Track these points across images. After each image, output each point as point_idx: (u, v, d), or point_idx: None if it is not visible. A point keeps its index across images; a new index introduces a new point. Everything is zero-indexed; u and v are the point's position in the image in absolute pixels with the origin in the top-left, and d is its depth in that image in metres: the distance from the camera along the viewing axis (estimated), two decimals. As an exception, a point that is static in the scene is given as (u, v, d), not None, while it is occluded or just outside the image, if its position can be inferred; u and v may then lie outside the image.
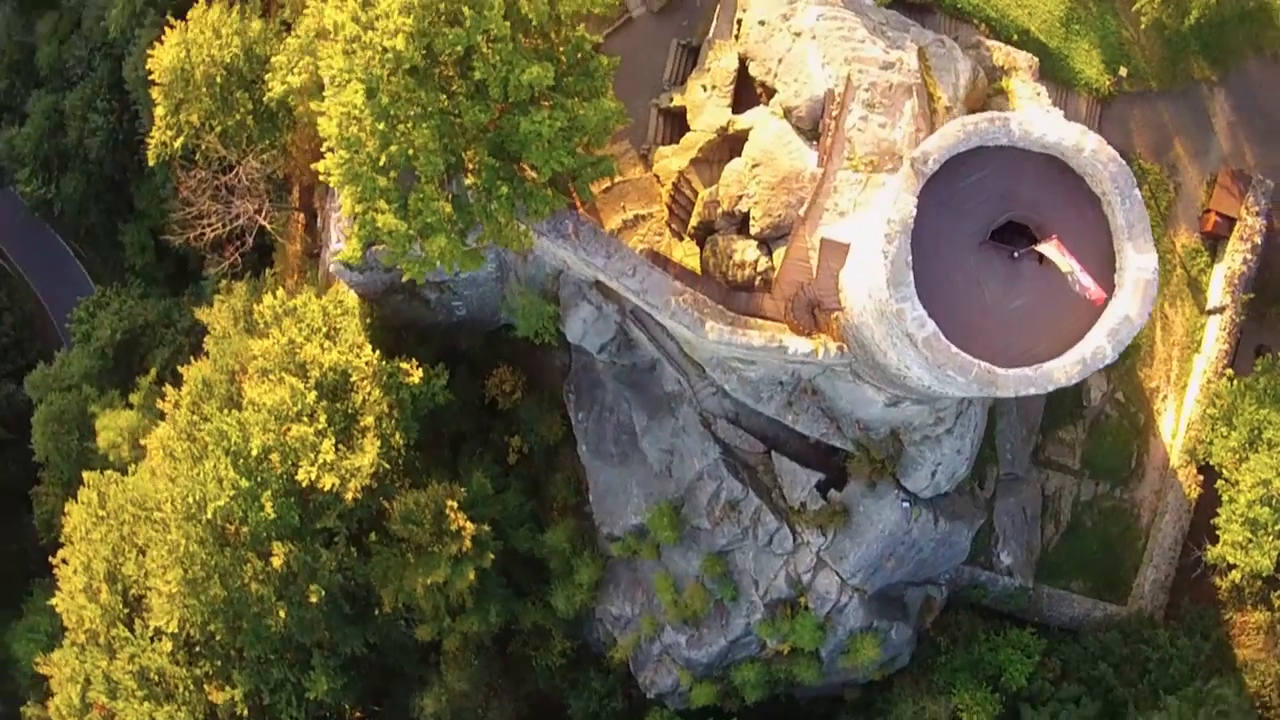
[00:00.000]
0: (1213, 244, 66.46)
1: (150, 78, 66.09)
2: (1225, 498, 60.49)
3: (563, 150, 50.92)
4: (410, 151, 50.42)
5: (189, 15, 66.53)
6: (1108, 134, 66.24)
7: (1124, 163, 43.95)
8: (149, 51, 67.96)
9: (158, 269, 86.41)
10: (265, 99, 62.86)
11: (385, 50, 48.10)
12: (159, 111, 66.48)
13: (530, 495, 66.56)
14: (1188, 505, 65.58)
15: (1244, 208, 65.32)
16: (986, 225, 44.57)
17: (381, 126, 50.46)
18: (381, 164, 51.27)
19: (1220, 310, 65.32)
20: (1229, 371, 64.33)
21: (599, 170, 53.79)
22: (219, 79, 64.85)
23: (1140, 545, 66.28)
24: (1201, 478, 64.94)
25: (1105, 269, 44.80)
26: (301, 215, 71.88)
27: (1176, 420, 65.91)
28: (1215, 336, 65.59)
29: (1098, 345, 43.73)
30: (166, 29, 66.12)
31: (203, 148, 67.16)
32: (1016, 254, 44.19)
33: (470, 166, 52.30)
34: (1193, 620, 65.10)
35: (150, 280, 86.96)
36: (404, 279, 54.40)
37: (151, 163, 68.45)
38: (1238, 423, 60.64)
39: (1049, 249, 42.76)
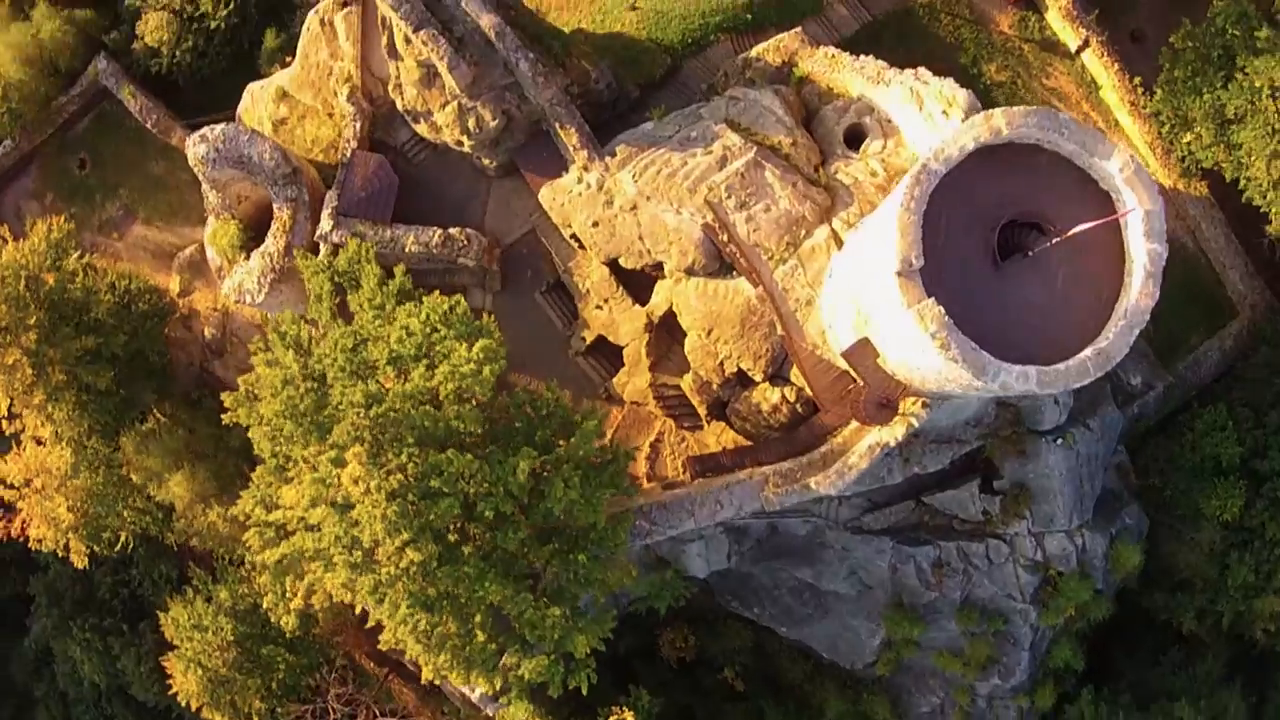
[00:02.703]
0: (1027, 3, 66.31)
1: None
2: (1242, 179, 60.49)
3: (598, 486, 49.49)
4: (491, 608, 49.39)
5: (166, 633, 64.18)
6: (879, 7, 66.35)
7: (1039, 109, 43.00)
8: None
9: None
10: (288, 635, 61.47)
11: (406, 570, 46.52)
12: None
13: (777, 697, 65.75)
14: (1209, 202, 65.68)
15: (1018, -45, 65.65)
16: (988, 254, 43.74)
17: (448, 606, 49.22)
18: (478, 636, 50.15)
19: (1085, 44, 65.33)
20: (1137, 80, 64.39)
21: (625, 462, 52.19)
22: (235, 658, 62.93)
23: (1204, 262, 66.52)
24: (1199, 175, 64.96)
25: (1097, 189, 44.35)
26: (387, 671, 69.97)
27: (1140, 155, 65.89)
28: (1100, 66, 65.61)
29: (1149, 250, 42.92)
30: (170, 661, 63.68)
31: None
32: (1032, 252, 43.45)
33: (540, 567, 50.87)
34: (1304, 287, 65.75)
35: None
36: (585, 693, 52.86)
37: None
38: (1196, 119, 60.46)
39: (1059, 239, 42.25)
